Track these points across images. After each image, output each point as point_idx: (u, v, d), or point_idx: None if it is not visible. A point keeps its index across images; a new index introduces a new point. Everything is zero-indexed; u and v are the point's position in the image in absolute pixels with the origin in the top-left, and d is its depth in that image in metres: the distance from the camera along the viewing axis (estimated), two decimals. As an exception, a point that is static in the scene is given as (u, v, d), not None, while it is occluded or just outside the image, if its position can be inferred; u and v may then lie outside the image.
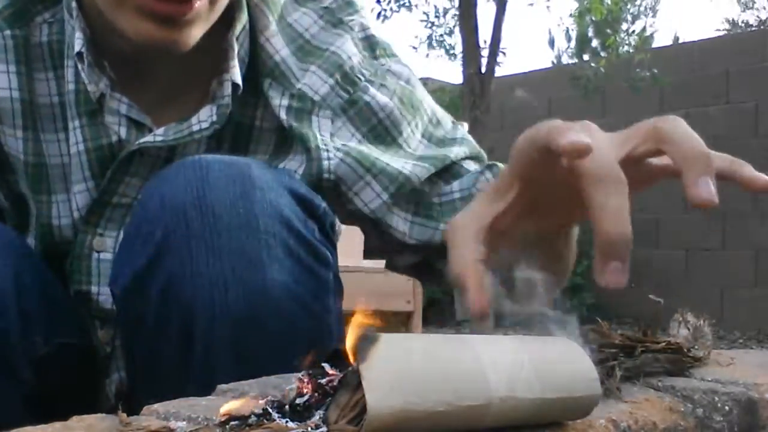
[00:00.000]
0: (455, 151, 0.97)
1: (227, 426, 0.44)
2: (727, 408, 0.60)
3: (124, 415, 0.47)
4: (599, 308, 5.55)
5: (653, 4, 7.59)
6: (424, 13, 6.74)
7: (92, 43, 0.85)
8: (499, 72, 6.08)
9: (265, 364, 0.63)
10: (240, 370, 0.61)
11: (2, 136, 0.89)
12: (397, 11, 6.51)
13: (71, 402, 0.86)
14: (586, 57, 6.84)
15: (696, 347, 0.72)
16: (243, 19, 0.90)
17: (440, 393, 0.42)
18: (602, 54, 6.79)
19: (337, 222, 0.89)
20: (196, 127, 0.87)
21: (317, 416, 0.43)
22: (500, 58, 5.96)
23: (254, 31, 0.92)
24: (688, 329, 0.75)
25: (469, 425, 0.44)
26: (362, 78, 0.94)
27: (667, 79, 5.81)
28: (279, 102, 0.91)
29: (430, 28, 6.78)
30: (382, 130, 0.94)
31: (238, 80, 0.87)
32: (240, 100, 0.91)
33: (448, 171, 0.96)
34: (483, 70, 5.74)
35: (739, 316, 5.46)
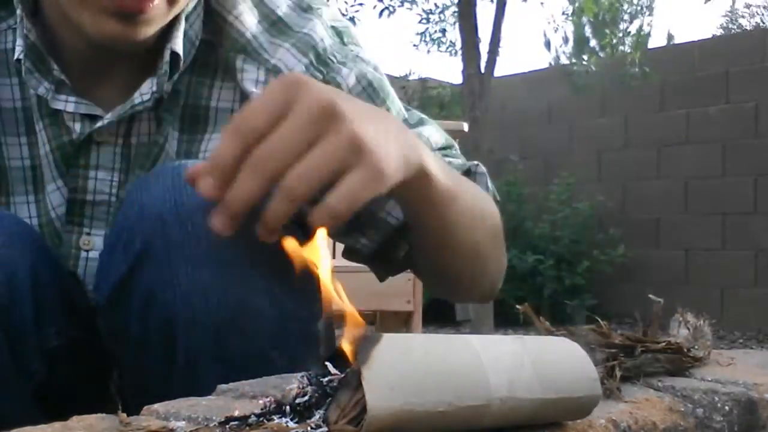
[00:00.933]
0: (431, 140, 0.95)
1: (227, 426, 0.44)
2: (727, 408, 0.60)
3: (124, 415, 0.47)
4: (599, 308, 5.55)
5: (649, 2, 7.58)
6: (424, 10, 6.74)
7: (44, 44, 0.86)
8: (498, 72, 6.07)
9: (249, 370, 0.63)
10: (223, 377, 0.61)
11: None
12: (401, 5, 6.50)
13: (80, 395, 0.86)
14: (584, 57, 6.84)
15: (696, 347, 0.73)
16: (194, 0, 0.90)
17: (440, 393, 0.42)
18: (600, 54, 6.79)
19: None
20: (137, 100, 0.87)
21: (317, 416, 0.43)
22: (498, 56, 5.95)
23: (220, 10, 0.91)
24: (688, 329, 0.75)
25: (469, 425, 0.44)
26: (334, 60, 0.93)
27: (658, 75, 5.81)
28: (255, 77, 0.91)
29: (426, 23, 6.78)
30: None
31: (179, 49, 0.87)
32: (196, 82, 0.91)
33: None
34: (482, 70, 5.73)
35: (739, 316, 5.46)
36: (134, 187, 0.80)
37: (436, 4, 6.48)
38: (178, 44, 0.87)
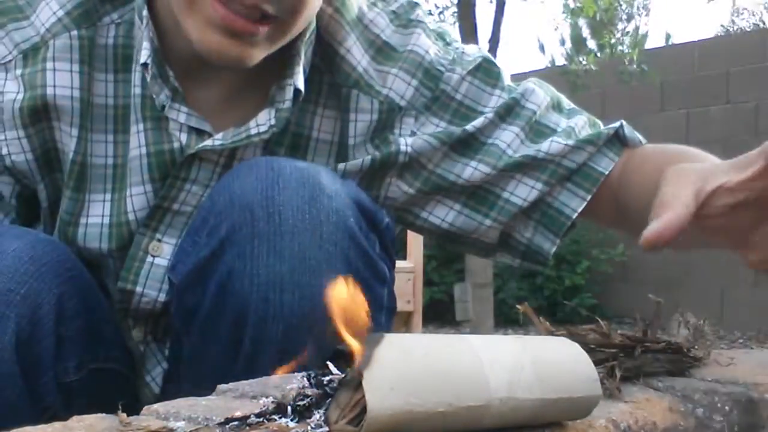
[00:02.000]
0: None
1: (227, 426, 0.44)
2: (727, 408, 0.60)
3: (124, 415, 0.47)
4: (599, 308, 5.55)
5: (645, 2, 7.58)
6: (427, 11, 6.74)
7: (160, 47, 0.86)
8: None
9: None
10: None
11: (58, 132, 0.90)
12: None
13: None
14: (582, 57, 6.84)
15: (696, 347, 0.72)
16: (311, 29, 0.90)
17: (440, 394, 0.42)
18: (598, 54, 6.79)
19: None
20: (254, 131, 0.87)
21: (317, 416, 0.43)
22: (497, 56, 5.95)
23: (331, 42, 0.93)
24: (688, 329, 0.75)
25: (469, 426, 0.44)
26: (442, 69, 0.94)
27: (657, 74, 5.81)
28: (370, 117, 0.92)
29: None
30: (465, 109, 0.94)
31: (301, 85, 0.88)
32: (300, 110, 0.92)
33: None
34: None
35: (739, 316, 5.46)
36: (226, 176, 0.80)
37: (436, 5, 6.48)
38: (300, 80, 0.88)
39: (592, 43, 7.24)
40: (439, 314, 5.36)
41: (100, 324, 0.88)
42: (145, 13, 0.85)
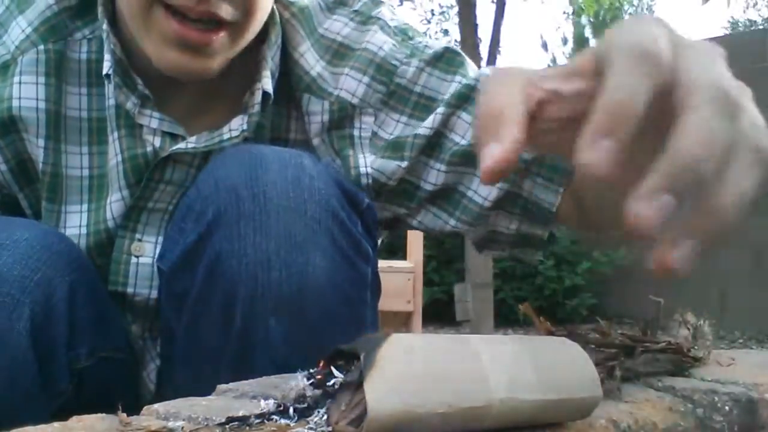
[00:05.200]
0: None
1: (227, 426, 0.44)
2: (727, 408, 0.60)
3: (124, 415, 0.47)
4: (599, 308, 5.55)
5: (650, 4, 7.60)
6: (430, 11, 6.75)
7: (126, 57, 0.88)
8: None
9: (301, 345, 0.66)
10: (276, 350, 0.62)
11: (29, 144, 0.91)
12: (400, 5, 6.52)
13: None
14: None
15: (696, 347, 0.72)
16: (276, 34, 0.91)
17: (440, 394, 0.42)
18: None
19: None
20: (226, 136, 0.89)
21: (318, 417, 0.43)
22: (497, 56, 5.94)
23: (287, 46, 0.94)
24: (688, 329, 0.75)
25: (469, 426, 0.44)
26: (397, 63, 0.93)
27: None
28: (321, 118, 0.93)
29: (427, 24, 6.80)
30: (425, 100, 0.93)
31: (269, 89, 0.89)
32: (274, 114, 0.93)
33: None
34: (483, 70, 5.75)
35: (739, 316, 5.46)
36: (210, 164, 0.82)
37: (440, 4, 6.50)
38: (268, 84, 0.89)
39: (594, 43, 7.28)
40: (439, 314, 5.37)
41: (107, 314, 0.89)
42: (105, 27, 0.87)
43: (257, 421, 0.44)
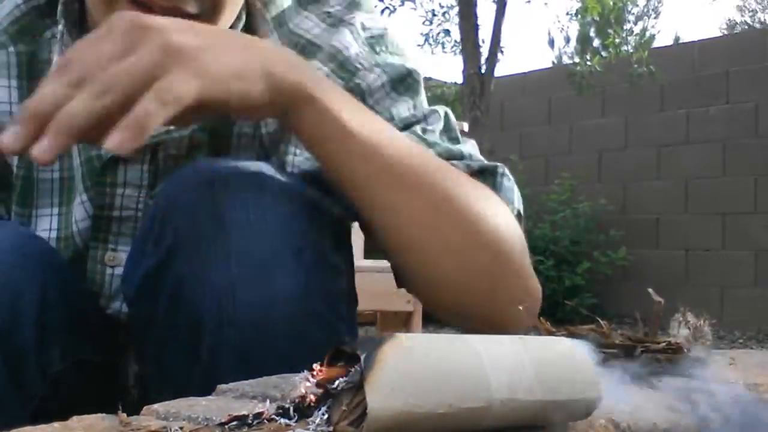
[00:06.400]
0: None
1: (227, 426, 0.44)
2: (727, 408, 0.60)
3: (124, 415, 0.47)
4: (599, 308, 5.55)
5: (656, 5, 7.61)
6: (431, 11, 6.75)
7: None
8: (498, 72, 6.08)
9: (272, 371, 0.62)
10: (245, 376, 0.61)
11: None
12: (401, 5, 6.51)
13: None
14: (588, 57, 6.85)
15: (696, 347, 0.72)
16: (240, 25, 0.89)
17: (441, 395, 0.42)
18: (603, 54, 6.80)
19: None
20: (173, 127, 0.86)
21: (318, 417, 0.43)
22: (498, 56, 5.94)
23: (252, 35, 0.91)
24: (688, 329, 0.75)
25: (469, 427, 0.44)
26: (360, 66, 0.91)
27: (663, 75, 5.81)
28: None
29: (429, 24, 6.80)
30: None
31: None
32: None
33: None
34: (483, 70, 5.74)
35: (739, 316, 5.46)
36: (168, 182, 0.79)
37: (441, 4, 6.50)
38: None
39: (597, 42, 7.27)
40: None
41: (85, 317, 0.87)
42: (61, 27, 0.86)
43: (257, 421, 0.44)
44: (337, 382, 0.44)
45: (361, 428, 0.40)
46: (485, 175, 0.88)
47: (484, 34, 5.87)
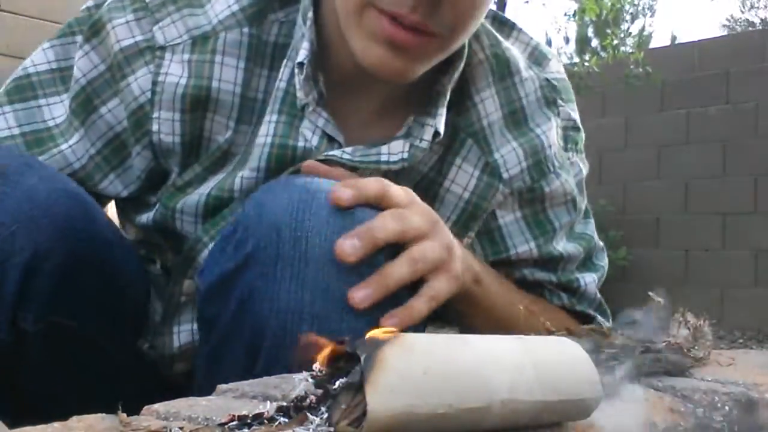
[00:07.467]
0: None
1: (227, 426, 0.44)
2: (727, 408, 0.60)
3: (124, 415, 0.47)
4: (599, 308, 5.54)
5: (651, 3, 7.61)
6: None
7: (315, 54, 0.88)
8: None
9: None
10: None
11: (209, 122, 0.90)
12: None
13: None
14: (586, 57, 6.85)
15: (696, 347, 0.72)
16: (459, 69, 0.92)
17: (441, 395, 0.42)
18: (602, 54, 6.80)
19: None
20: (384, 157, 0.87)
21: (319, 417, 0.43)
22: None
23: (468, 86, 0.94)
24: (688, 329, 0.75)
25: (469, 427, 0.44)
26: (551, 169, 0.97)
27: (661, 75, 5.81)
28: (472, 171, 0.94)
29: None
30: (544, 219, 0.98)
31: (441, 128, 0.89)
32: (439, 156, 0.94)
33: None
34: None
35: (739, 316, 5.46)
36: (261, 189, 0.79)
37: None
38: (441, 123, 0.89)
39: (596, 43, 7.28)
40: (440, 314, 5.36)
41: (90, 291, 0.85)
42: (310, 14, 0.87)
43: (257, 421, 0.44)
44: (337, 383, 0.44)
45: (361, 428, 0.40)
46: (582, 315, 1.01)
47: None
